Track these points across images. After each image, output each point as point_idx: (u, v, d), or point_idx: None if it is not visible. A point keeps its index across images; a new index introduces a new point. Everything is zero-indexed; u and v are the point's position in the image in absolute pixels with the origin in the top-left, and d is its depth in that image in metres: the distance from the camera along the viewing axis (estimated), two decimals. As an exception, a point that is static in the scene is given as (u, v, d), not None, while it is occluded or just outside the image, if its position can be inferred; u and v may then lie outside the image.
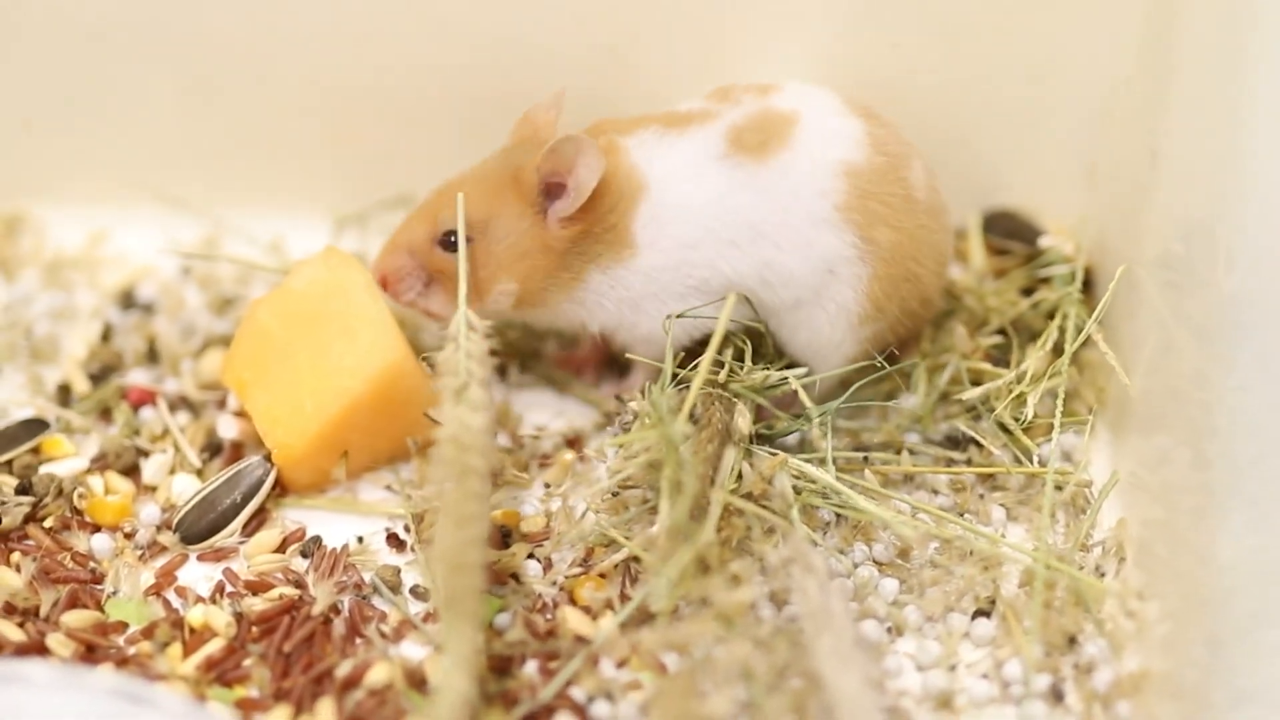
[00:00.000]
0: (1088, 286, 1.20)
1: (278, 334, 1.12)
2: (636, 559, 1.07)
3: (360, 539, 1.10)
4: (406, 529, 1.10)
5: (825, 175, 1.08)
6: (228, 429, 1.15)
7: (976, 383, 1.14)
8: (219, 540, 1.10)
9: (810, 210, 1.08)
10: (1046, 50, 1.19)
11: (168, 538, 1.10)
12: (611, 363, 1.19)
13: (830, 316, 1.10)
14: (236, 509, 1.11)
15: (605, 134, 1.09)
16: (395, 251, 1.10)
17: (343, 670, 1.02)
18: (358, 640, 1.05)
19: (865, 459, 1.11)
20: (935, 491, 1.12)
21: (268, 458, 1.12)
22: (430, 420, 1.05)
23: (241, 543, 1.10)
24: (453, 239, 1.07)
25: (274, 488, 1.12)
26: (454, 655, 0.89)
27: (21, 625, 1.04)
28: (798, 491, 1.05)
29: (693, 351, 1.09)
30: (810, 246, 1.08)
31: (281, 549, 1.10)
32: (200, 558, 1.10)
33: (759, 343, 1.12)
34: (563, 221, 1.07)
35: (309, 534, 1.11)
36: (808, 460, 1.06)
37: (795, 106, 1.09)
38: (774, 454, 1.05)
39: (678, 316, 1.09)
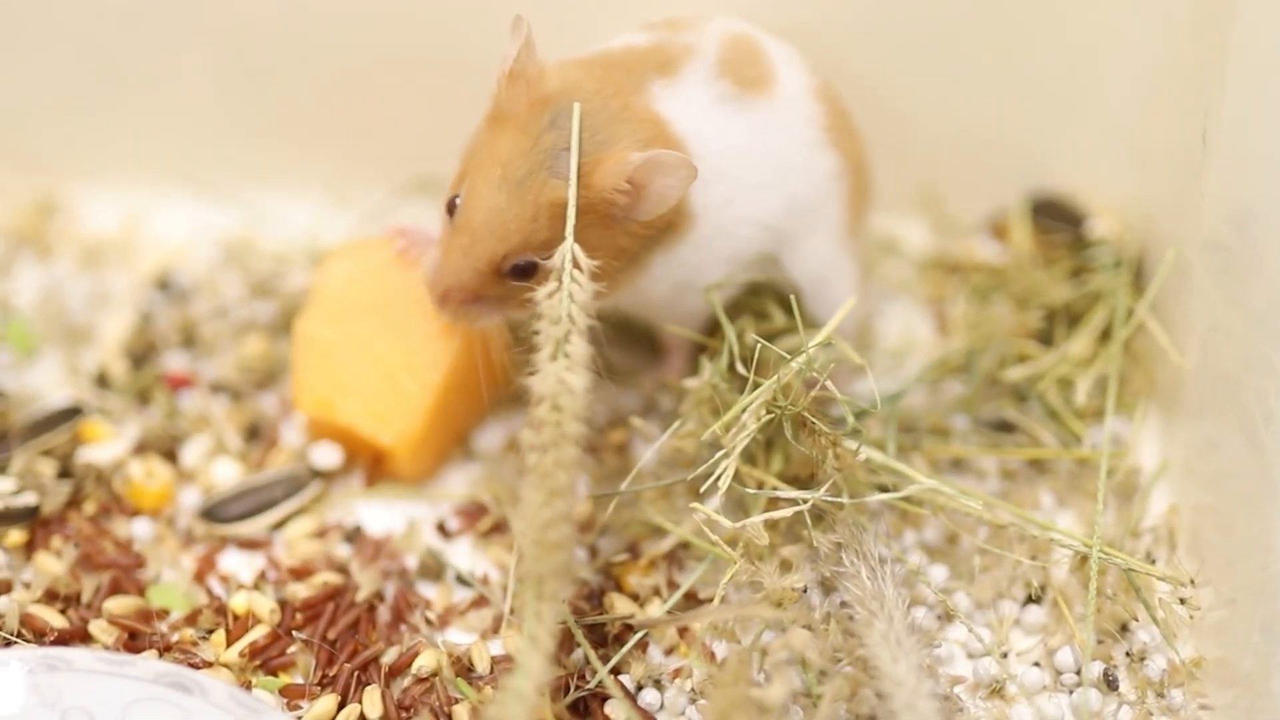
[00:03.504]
0: (1134, 270, 1.18)
1: (338, 341, 1.10)
2: (684, 546, 1.06)
3: (407, 525, 1.09)
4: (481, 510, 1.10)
5: (808, 100, 1.08)
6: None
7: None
8: (251, 523, 1.09)
9: (808, 135, 1.08)
10: (1094, 30, 1.17)
11: (206, 523, 1.09)
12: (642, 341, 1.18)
13: (824, 237, 1.10)
14: (275, 502, 1.10)
15: (611, 86, 1.00)
16: (458, 291, 1.00)
17: (388, 657, 1.01)
18: (402, 627, 1.04)
19: (915, 444, 1.10)
20: (983, 476, 1.11)
21: (376, 463, 1.11)
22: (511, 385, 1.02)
23: (279, 530, 1.10)
24: (523, 267, 0.98)
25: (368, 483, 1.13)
26: (533, 639, 0.86)
27: (63, 612, 1.03)
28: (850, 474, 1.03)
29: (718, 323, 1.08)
30: (815, 170, 1.08)
31: (321, 535, 1.09)
32: (241, 544, 1.09)
33: (792, 307, 1.11)
34: (640, 224, 0.99)
35: (352, 520, 1.10)
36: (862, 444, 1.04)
37: (749, 34, 1.08)
38: (836, 433, 1.00)
39: (717, 286, 1.06)
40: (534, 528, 0.88)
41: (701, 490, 0.98)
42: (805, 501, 0.98)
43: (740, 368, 1.03)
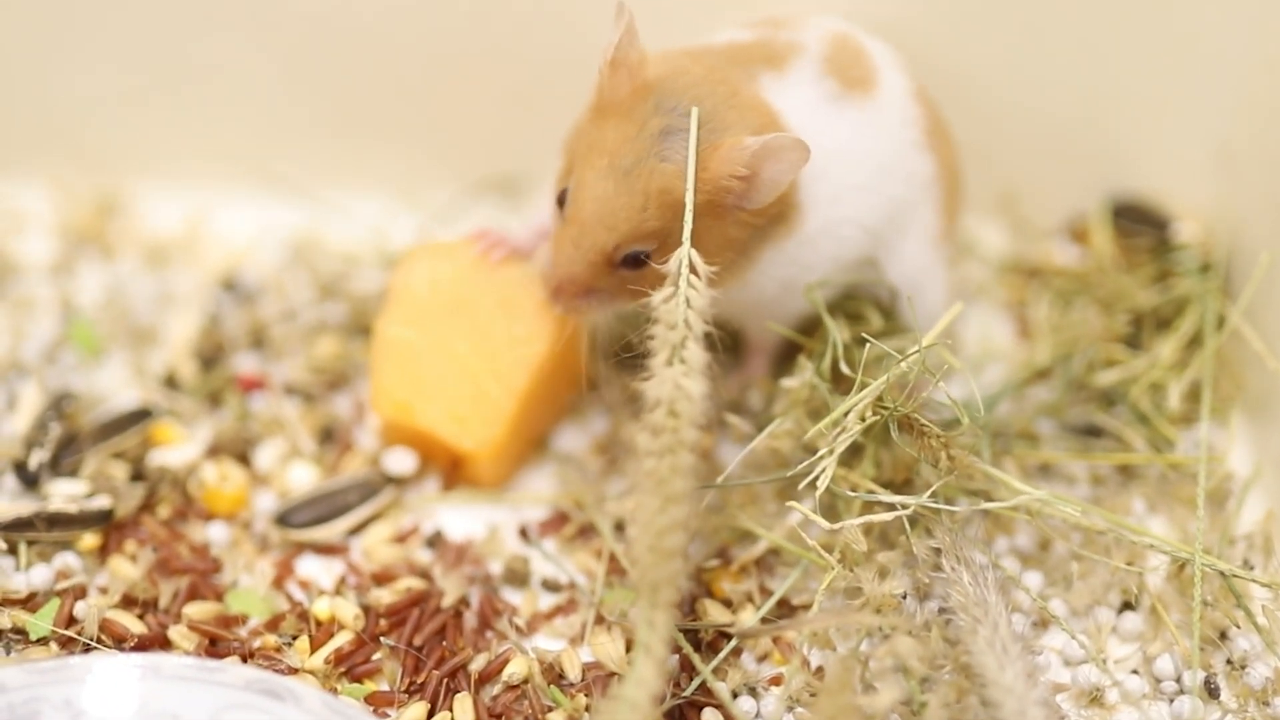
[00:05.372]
0: (1222, 274, 1.17)
1: (421, 343, 1.08)
2: (774, 551, 1.04)
3: (489, 530, 1.07)
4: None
5: (909, 103, 1.07)
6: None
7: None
8: (325, 529, 1.07)
9: (908, 138, 1.06)
10: (1182, 28, 1.15)
11: (280, 529, 1.07)
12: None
13: (918, 241, 1.08)
14: (349, 508, 1.08)
15: (719, 74, 0.99)
16: (570, 284, 0.98)
17: (477, 664, 0.99)
18: (489, 633, 1.02)
19: (1006, 450, 1.09)
20: (1072, 482, 1.09)
21: (453, 467, 1.09)
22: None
23: (355, 536, 1.08)
24: (635, 257, 0.97)
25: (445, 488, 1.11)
26: (648, 647, 0.84)
27: (142, 617, 1.01)
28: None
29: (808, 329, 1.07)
30: (913, 175, 1.07)
31: (401, 541, 1.07)
32: (318, 550, 1.07)
33: (889, 309, 1.10)
34: (750, 213, 0.98)
35: (432, 526, 1.08)
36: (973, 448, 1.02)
37: (850, 34, 1.07)
38: (949, 435, 0.97)
39: (819, 286, 1.04)
40: (649, 534, 0.86)
41: (801, 487, 0.96)
42: (906, 507, 0.97)
43: (834, 370, 1.01)
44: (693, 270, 0.92)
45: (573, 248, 0.97)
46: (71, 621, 1.00)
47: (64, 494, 1.06)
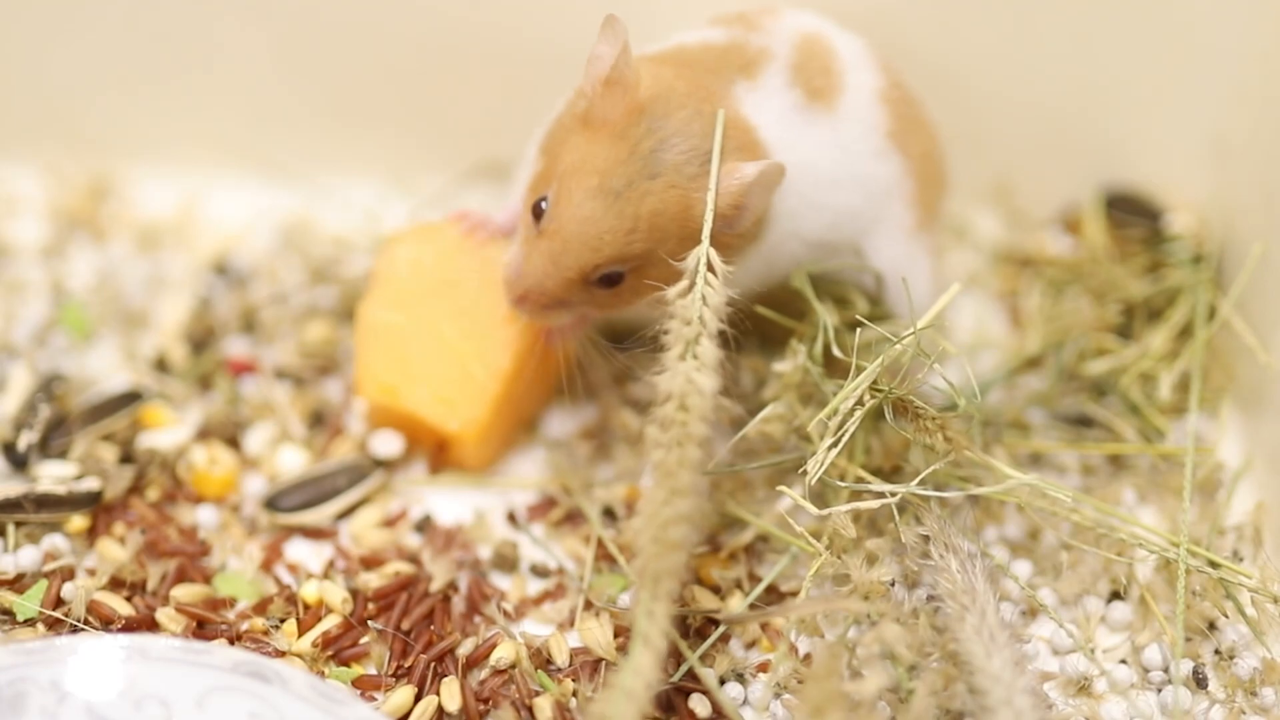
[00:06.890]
0: (1214, 265, 1.17)
1: (406, 326, 1.08)
2: (763, 538, 1.04)
3: (476, 515, 1.07)
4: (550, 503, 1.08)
5: (872, 107, 1.05)
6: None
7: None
8: (314, 513, 1.06)
9: (867, 146, 1.05)
10: (1176, 20, 1.15)
11: (268, 513, 1.07)
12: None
13: (891, 237, 1.07)
14: (338, 492, 1.07)
15: (703, 90, 0.98)
16: (539, 295, 0.98)
17: (464, 649, 0.99)
18: (476, 618, 1.02)
19: (998, 437, 1.08)
20: (1063, 471, 1.09)
21: (439, 450, 1.09)
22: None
23: (344, 520, 1.07)
24: (611, 276, 0.97)
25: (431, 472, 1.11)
26: (646, 637, 0.84)
27: (129, 599, 1.01)
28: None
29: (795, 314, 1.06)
30: (872, 180, 1.06)
31: (389, 525, 1.07)
32: (307, 533, 1.07)
33: (876, 297, 1.09)
34: (727, 236, 0.97)
35: (421, 510, 1.08)
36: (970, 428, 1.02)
37: (820, 34, 1.06)
38: (945, 416, 0.97)
39: (811, 272, 1.04)
40: (654, 525, 0.86)
41: (799, 472, 0.96)
42: (894, 494, 0.96)
43: (826, 354, 1.01)
44: (710, 269, 0.91)
45: (550, 263, 0.96)
46: (59, 603, 1.00)
47: (53, 475, 1.06)
